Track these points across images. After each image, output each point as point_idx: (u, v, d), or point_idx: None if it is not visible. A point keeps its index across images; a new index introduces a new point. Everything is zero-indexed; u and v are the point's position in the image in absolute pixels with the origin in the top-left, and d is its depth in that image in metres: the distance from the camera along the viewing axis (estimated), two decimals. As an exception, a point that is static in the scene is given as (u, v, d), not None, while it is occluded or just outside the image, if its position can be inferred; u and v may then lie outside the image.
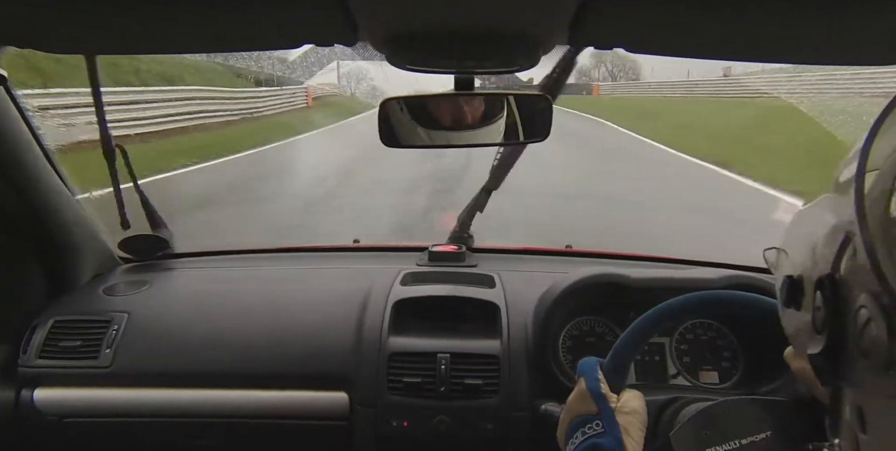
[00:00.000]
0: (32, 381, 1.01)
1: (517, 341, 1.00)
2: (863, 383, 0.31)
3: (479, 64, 0.63)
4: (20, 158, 1.00)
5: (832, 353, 0.32)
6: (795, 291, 0.38)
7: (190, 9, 0.48)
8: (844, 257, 0.32)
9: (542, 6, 0.48)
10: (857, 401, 0.33)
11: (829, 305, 0.33)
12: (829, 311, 0.33)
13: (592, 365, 0.65)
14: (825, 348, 0.33)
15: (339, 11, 0.48)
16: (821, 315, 0.34)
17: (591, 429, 0.59)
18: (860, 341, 0.30)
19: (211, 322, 1.07)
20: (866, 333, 0.29)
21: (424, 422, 0.94)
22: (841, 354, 0.32)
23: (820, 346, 0.33)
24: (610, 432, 0.58)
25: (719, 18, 0.48)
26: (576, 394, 0.64)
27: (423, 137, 0.79)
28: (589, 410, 0.61)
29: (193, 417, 0.99)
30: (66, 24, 0.52)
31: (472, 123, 0.79)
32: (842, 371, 0.32)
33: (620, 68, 33.74)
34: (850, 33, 0.50)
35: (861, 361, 0.30)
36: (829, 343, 0.33)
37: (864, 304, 0.29)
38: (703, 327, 1.03)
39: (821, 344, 0.33)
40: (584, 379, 0.63)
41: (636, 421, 0.60)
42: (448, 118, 0.78)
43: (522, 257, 1.38)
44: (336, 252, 1.45)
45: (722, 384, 0.99)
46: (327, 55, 21.99)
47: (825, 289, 0.33)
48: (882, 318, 0.28)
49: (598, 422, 0.59)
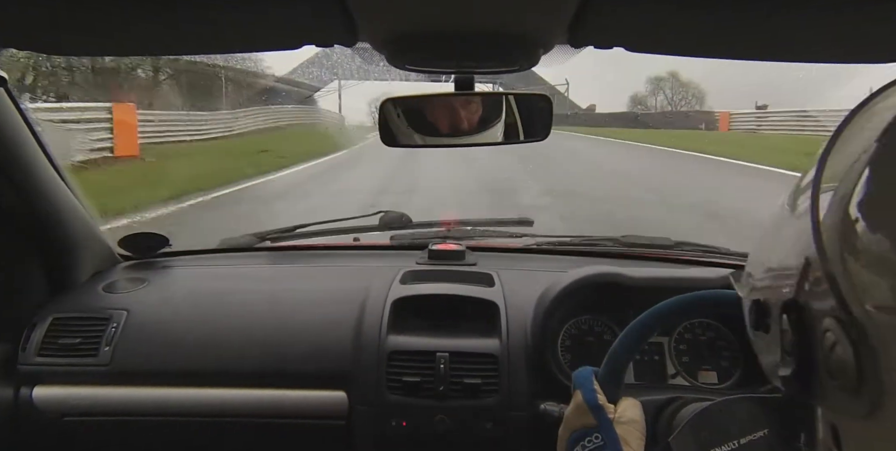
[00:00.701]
0: (31, 379, 1.01)
1: (516, 341, 1.00)
2: (835, 404, 0.32)
3: (478, 64, 0.63)
4: (20, 156, 1.00)
5: (802, 375, 0.33)
6: (762, 314, 0.38)
7: (190, 10, 0.48)
8: (807, 282, 0.32)
9: (542, 6, 0.48)
10: (830, 420, 0.33)
11: (796, 329, 0.33)
12: (797, 335, 0.33)
13: (588, 376, 0.65)
14: (795, 371, 0.33)
15: (339, 12, 0.48)
16: (788, 338, 0.34)
17: (591, 442, 0.59)
18: (828, 363, 0.30)
19: (210, 320, 1.07)
20: (833, 356, 0.29)
21: (423, 421, 0.94)
22: (811, 376, 0.32)
23: (790, 368, 0.34)
24: (610, 444, 0.58)
25: (719, 18, 0.48)
26: (573, 407, 0.64)
27: (419, 143, 0.79)
28: (587, 423, 0.61)
29: (192, 415, 1.00)
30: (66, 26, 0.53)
31: (469, 128, 0.78)
32: (813, 392, 0.33)
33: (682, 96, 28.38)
34: (851, 32, 0.51)
35: (831, 383, 0.30)
36: (798, 366, 0.33)
37: (829, 328, 0.30)
38: (702, 326, 1.03)
39: (791, 367, 0.34)
40: (581, 391, 0.64)
41: (635, 431, 0.60)
42: (445, 125, 0.78)
43: (522, 256, 1.39)
44: (335, 250, 1.45)
45: (721, 384, 0.99)
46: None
47: (791, 313, 0.33)
48: (847, 342, 0.28)
49: (597, 435, 0.59)
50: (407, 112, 0.77)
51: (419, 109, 0.78)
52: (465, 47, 0.57)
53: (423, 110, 0.78)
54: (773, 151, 9.92)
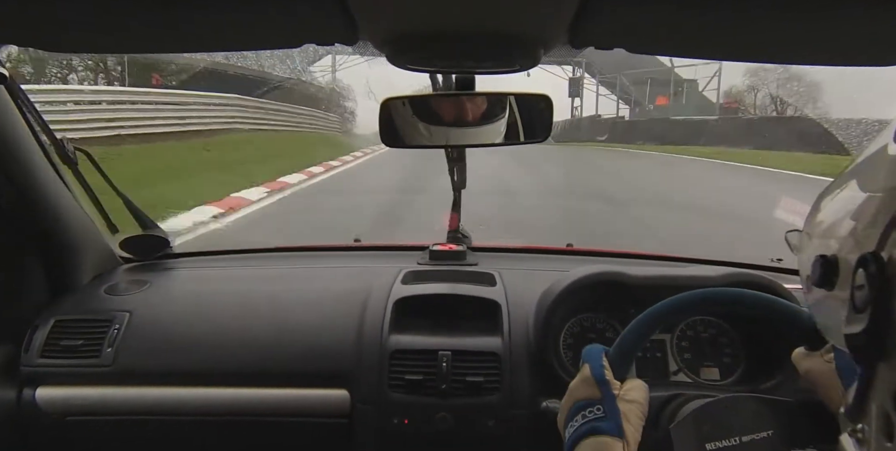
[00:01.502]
0: (34, 380, 1.01)
1: (518, 339, 1.00)
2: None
3: (479, 64, 0.63)
4: (21, 158, 1.00)
5: (874, 332, 0.32)
6: (829, 270, 0.37)
7: (190, 8, 0.48)
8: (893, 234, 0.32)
9: (542, 6, 0.48)
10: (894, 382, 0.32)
11: (874, 283, 0.32)
12: (874, 289, 0.32)
13: (598, 352, 0.65)
14: (868, 327, 0.32)
15: (339, 11, 0.48)
16: (863, 294, 0.33)
17: (592, 413, 0.59)
18: None
19: (212, 321, 1.08)
20: None
21: (425, 420, 0.94)
22: (885, 333, 0.31)
23: (861, 325, 0.33)
24: (610, 416, 0.58)
25: (719, 18, 0.48)
26: (579, 379, 0.64)
27: (423, 134, 0.79)
28: (591, 395, 0.61)
29: (194, 415, 1.00)
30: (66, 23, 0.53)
31: (473, 120, 0.79)
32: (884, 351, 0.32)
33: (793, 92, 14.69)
34: (851, 33, 0.51)
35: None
36: (872, 322, 0.32)
37: None
38: (704, 323, 1.04)
39: (862, 323, 0.33)
40: (589, 365, 0.64)
41: (637, 410, 0.60)
42: (450, 114, 0.79)
43: (523, 256, 1.39)
44: (337, 251, 1.46)
45: (723, 381, 0.99)
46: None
47: (870, 266, 0.32)
48: None
49: (599, 407, 0.59)
50: (413, 103, 0.78)
51: (425, 100, 0.79)
52: (465, 47, 0.57)
53: (429, 102, 0.79)
54: None
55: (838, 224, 0.38)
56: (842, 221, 0.38)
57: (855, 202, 0.37)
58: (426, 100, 0.78)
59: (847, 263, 0.35)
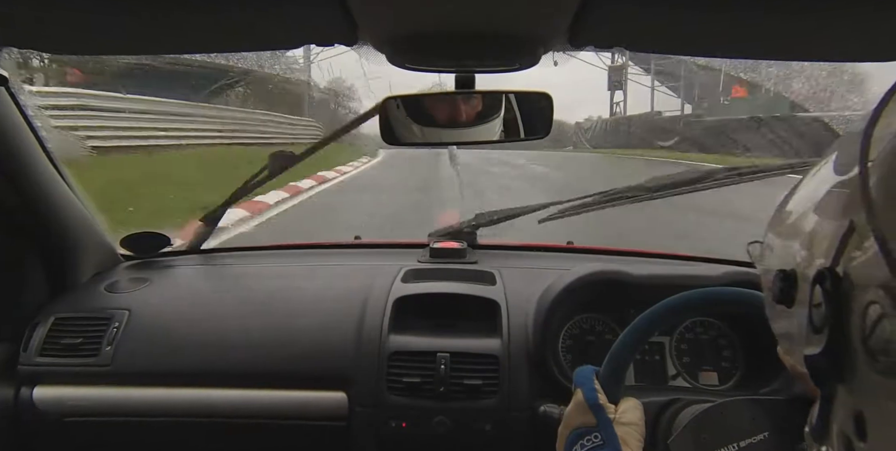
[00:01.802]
0: (32, 379, 1.01)
1: (517, 341, 1.00)
2: (868, 386, 0.28)
3: (478, 63, 0.63)
4: (21, 156, 1.00)
5: (833, 354, 0.30)
6: (788, 285, 0.35)
7: (190, 9, 0.48)
8: (847, 247, 0.29)
9: (543, 6, 0.48)
10: (856, 406, 0.30)
11: (831, 301, 0.30)
12: (831, 308, 0.30)
13: (588, 375, 0.65)
14: (825, 349, 0.30)
15: (339, 11, 0.48)
16: (820, 313, 0.31)
17: (591, 441, 0.59)
18: (868, 341, 0.27)
19: (211, 320, 1.07)
20: (877, 332, 0.26)
21: (424, 423, 0.94)
22: (843, 355, 0.29)
23: (819, 346, 0.30)
24: (609, 443, 0.58)
25: (720, 18, 0.47)
26: (573, 406, 0.64)
27: (418, 135, 0.79)
28: (587, 422, 0.61)
29: (193, 416, 1.00)
30: (67, 25, 0.53)
31: (468, 120, 0.79)
32: (843, 374, 0.30)
33: (841, 81, 6.79)
34: (850, 31, 0.50)
35: (868, 363, 0.27)
36: (830, 343, 0.30)
37: (875, 299, 0.26)
38: (703, 325, 1.03)
39: (820, 344, 0.30)
40: (582, 390, 0.64)
41: (635, 432, 0.60)
42: (444, 116, 0.79)
43: (523, 254, 1.38)
44: (336, 249, 1.45)
45: (722, 385, 0.99)
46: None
47: (825, 283, 0.30)
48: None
49: (596, 434, 0.59)
50: (407, 104, 0.78)
51: (420, 101, 0.78)
52: (465, 47, 0.57)
53: (423, 103, 0.79)
54: None
55: (794, 233, 0.36)
56: (799, 230, 0.35)
57: (811, 209, 0.34)
58: (421, 100, 0.78)
59: (806, 278, 0.33)
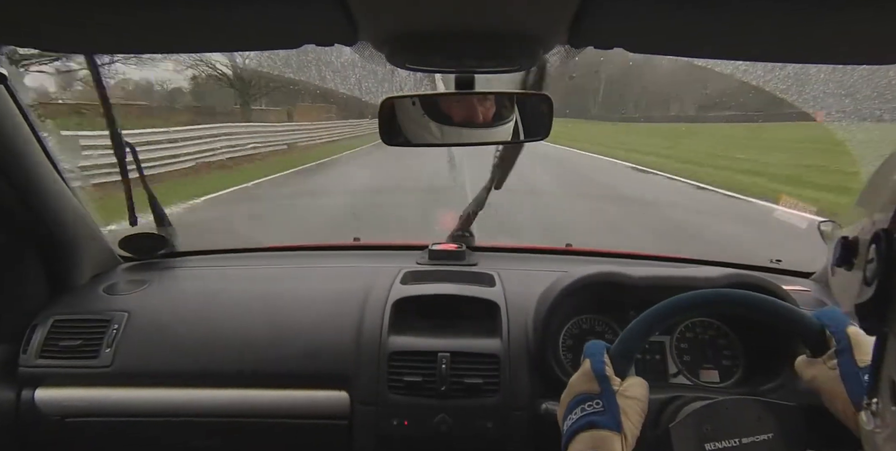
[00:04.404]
0: (33, 381, 1.01)
1: (517, 340, 1.00)
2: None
3: (479, 63, 0.63)
4: (20, 156, 1.00)
5: (879, 301, 0.35)
6: (849, 250, 0.40)
7: (189, 8, 0.48)
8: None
9: (542, 6, 0.48)
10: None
11: (883, 256, 0.35)
12: (882, 262, 0.35)
13: (600, 348, 0.65)
14: (873, 296, 0.35)
15: (339, 11, 0.48)
16: (873, 267, 0.36)
17: (591, 407, 0.59)
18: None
19: (211, 321, 1.07)
20: None
21: (425, 421, 0.94)
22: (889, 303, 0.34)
23: (868, 296, 0.36)
24: (609, 411, 0.58)
25: (719, 18, 0.47)
26: (579, 374, 0.64)
27: (434, 133, 0.78)
28: (591, 389, 0.61)
29: (194, 416, 1.00)
30: (66, 23, 0.52)
31: (484, 122, 0.79)
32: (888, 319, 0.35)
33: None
34: (851, 33, 0.50)
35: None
36: (877, 292, 0.35)
37: None
38: (703, 325, 1.03)
39: (870, 293, 0.36)
40: (590, 360, 0.64)
41: (637, 406, 0.60)
42: (461, 115, 0.78)
43: (522, 256, 1.38)
44: (336, 251, 1.45)
45: (722, 383, 0.99)
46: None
47: (881, 242, 0.36)
48: None
49: (598, 401, 0.59)
50: (422, 103, 0.77)
51: (433, 101, 0.78)
52: (465, 47, 0.57)
53: (438, 101, 0.78)
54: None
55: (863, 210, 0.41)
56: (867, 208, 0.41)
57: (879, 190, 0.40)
58: (435, 100, 0.77)
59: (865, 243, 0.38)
